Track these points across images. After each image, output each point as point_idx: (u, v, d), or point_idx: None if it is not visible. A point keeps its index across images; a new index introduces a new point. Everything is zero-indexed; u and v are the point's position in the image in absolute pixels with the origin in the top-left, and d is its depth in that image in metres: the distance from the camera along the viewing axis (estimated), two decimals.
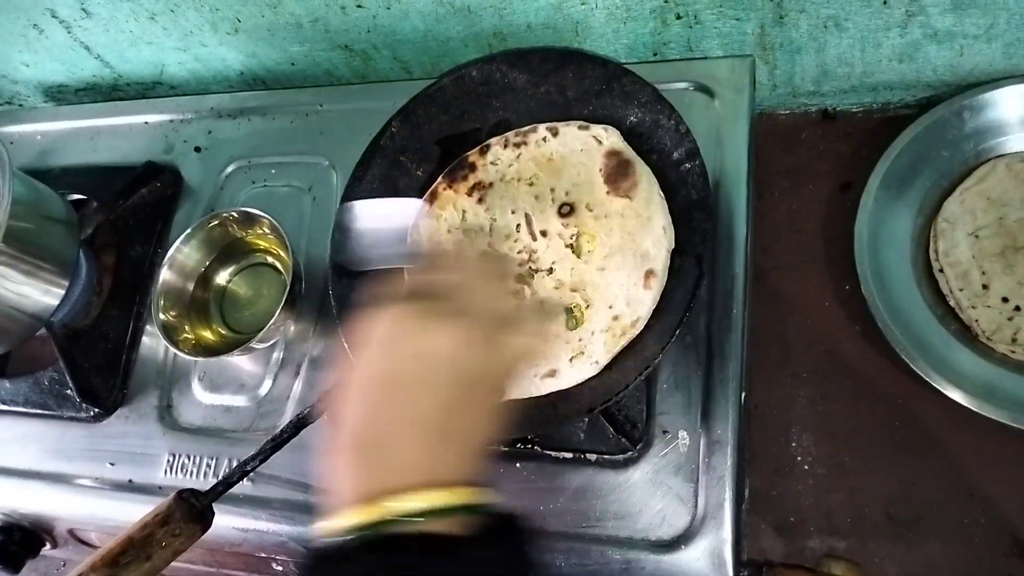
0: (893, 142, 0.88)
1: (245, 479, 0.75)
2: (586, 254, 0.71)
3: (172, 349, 0.84)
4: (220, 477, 0.83)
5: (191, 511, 0.69)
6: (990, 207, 0.85)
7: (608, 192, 0.71)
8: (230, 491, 0.72)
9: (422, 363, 0.47)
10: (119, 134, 1.06)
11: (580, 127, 0.74)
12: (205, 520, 0.70)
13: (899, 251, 0.86)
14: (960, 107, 0.87)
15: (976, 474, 0.80)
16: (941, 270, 0.84)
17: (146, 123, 1.05)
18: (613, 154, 0.71)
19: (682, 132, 0.69)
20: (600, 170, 0.72)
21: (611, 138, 0.72)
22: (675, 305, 0.65)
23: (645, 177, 0.70)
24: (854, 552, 0.80)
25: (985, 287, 0.83)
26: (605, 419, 0.72)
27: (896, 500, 0.81)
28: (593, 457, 0.73)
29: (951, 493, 0.80)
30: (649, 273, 0.67)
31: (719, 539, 0.67)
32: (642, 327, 0.66)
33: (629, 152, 0.71)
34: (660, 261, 0.67)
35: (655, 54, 0.90)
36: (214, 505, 0.71)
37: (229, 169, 0.98)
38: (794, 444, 0.85)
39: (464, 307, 0.50)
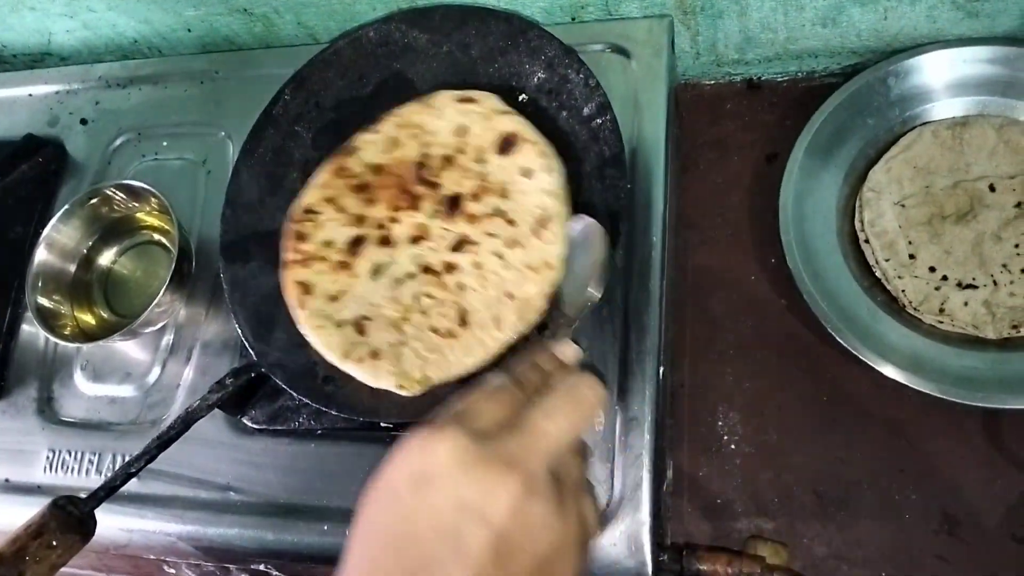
0: (818, 110, 0.85)
1: None
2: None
3: (47, 335, 0.77)
4: (103, 474, 0.77)
5: (68, 520, 0.62)
6: (916, 175, 0.83)
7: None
8: None
9: (483, 521, 0.36)
10: (0, 108, 0.98)
11: (461, 99, 0.68)
12: (85, 529, 0.63)
13: (825, 222, 0.83)
14: (885, 73, 0.84)
15: (906, 449, 0.77)
16: (867, 240, 0.82)
17: (30, 95, 0.97)
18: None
19: (592, 86, 0.64)
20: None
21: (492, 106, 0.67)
22: None
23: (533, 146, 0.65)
24: (782, 533, 0.77)
25: (912, 257, 0.80)
26: None
27: (824, 478, 0.78)
28: None
29: (881, 469, 0.77)
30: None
31: (636, 521, 0.62)
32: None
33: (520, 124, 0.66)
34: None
35: (573, 19, 0.86)
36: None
37: (117, 142, 0.91)
38: (721, 423, 0.82)
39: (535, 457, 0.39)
